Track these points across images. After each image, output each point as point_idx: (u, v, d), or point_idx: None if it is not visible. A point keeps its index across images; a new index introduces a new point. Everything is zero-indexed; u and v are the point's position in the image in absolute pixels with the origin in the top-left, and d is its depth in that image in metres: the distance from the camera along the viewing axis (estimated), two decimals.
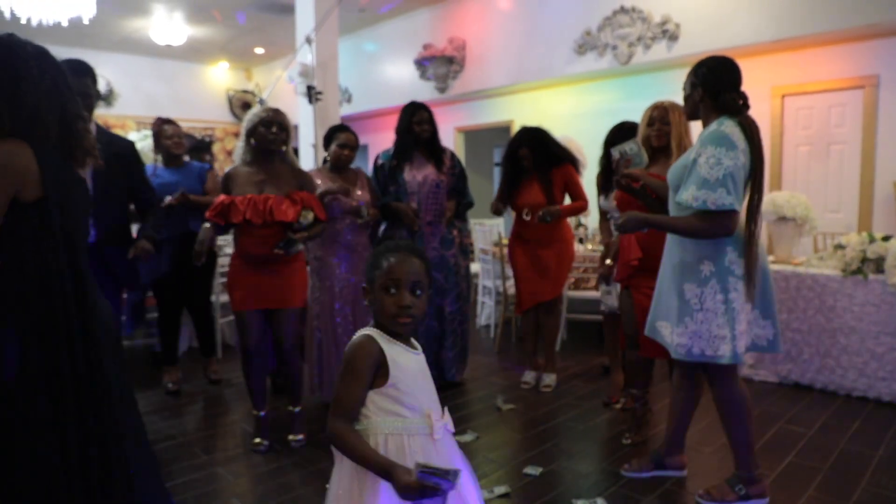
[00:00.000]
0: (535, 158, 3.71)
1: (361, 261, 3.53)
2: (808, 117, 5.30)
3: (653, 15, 5.59)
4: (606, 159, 3.34)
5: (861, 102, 5.00)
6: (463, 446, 2.96)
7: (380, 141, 9.52)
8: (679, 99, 5.48)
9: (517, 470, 2.74)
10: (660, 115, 2.85)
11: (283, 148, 2.99)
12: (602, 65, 6.03)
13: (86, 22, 5.67)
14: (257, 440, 3.00)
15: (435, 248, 3.74)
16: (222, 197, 2.88)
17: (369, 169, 4.05)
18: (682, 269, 2.29)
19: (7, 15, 5.21)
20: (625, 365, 3.30)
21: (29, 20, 5.20)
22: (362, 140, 10.07)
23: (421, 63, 7.45)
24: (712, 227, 2.14)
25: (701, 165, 2.13)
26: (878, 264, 3.52)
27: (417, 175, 3.72)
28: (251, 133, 2.93)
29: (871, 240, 3.56)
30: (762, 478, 2.43)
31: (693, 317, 2.25)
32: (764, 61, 5.40)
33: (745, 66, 6.01)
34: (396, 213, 3.66)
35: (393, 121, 3.94)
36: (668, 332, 2.38)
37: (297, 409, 3.09)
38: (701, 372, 2.49)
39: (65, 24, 5.52)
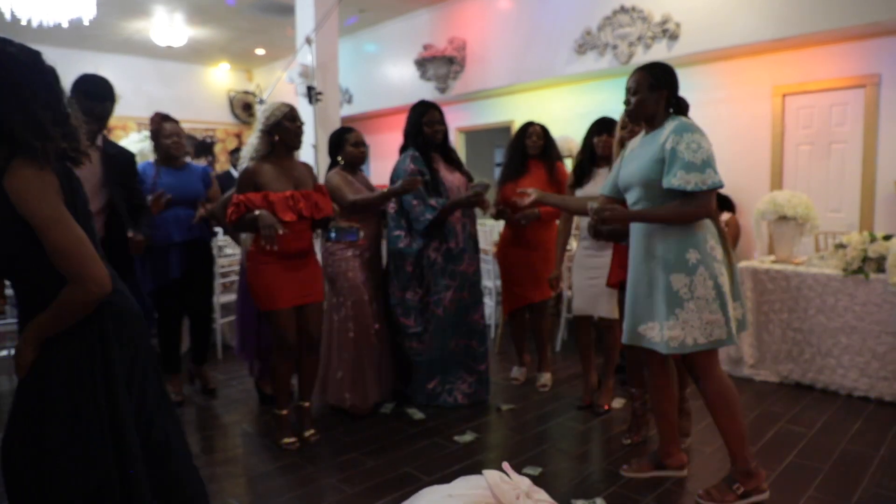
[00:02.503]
0: (544, 143, 3.75)
1: (364, 260, 3.46)
2: (809, 116, 5.29)
3: (653, 14, 5.58)
4: (584, 152, 3.42)
5: (862, 101, 4.98)
6: (462, 446, 2.98)
7: (381, 142, 9.51)
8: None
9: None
10: None
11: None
12: (602, 64, 6.02)
13: (86, 23, 5.67)
14: (287, 440, 3.00)
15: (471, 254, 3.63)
16: (259, 196, 2.80)
17: (370, 169, 4.03)
18: (665, 262, 2.30)
19: (7, 16, 5.21)
20: (625, 364, 3.29)
21: (29, 21, 5.21)
22: None
23: (421, 63, 7.44)
24: (700, 207, 2.23)
25: (682, 152, 2.21)
26: (880, 263, 3.51)
27: (454, 180, 3.54)
28: (275, 128, 2.91)
29: (873, 239, 3.55)
30: (758, 471, 2.42)
31: (684, 307, 2.26)
32: (765, 60, 5.39)
33: (745, 65, 6.04)
34: (456, 207, 3.42)
35: (394, 121, 3.93)
36: (657, 330, 2.35)
37: (308, 404, 3.13)
38: (672, 364, 2.54)
39: (65, 25, 5.52)
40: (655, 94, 2.35)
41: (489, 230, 6.29)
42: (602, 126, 3.37)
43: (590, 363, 3.58)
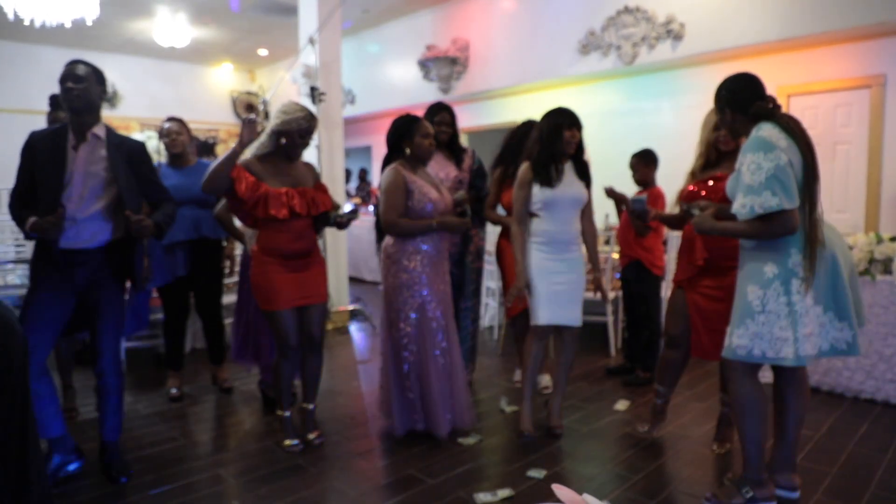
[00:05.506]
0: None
1: (434, 270, 3.08)
2: (814, 117, 5.26)
3: (657, 15, 5.56)
4: (551, 147, 3.09)
5: (867, 102, 4.96)
6: (466, 449, 2.96)
7: (384, 142, 9.48)
8: (684, 98, 5.44)
9: (521, 472, 2.72)
10: None
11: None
12: (606, 65, 6.00)
13: (89, 23, 5.67)
14: (289, 442, 3.00)
15: (455, 245, 3.72)
16: (253, 181, 2.77)
17: (372, 171, 4.01)
18: (747, 271, 2.30)
19: (10, 16, 5.21)
20: (657, 362, 3.23)
21: (32, 21, 5.21)
22: (364, 142, 10.06)
23: (424, 64, 7.43)
24: (770, 229, 2.17)
25: (744, 174, 2.18)
26: (886, 265, 3.48)
27: (440, 172, 3.69)
28: (285, 134, 2.87)
29: (879, 240, 3.53)
30: (769, 482, 2.40)
31: (755, 318, 2.24)
32: (769, 61, 5.37)
33: (750, 65, 6.01)
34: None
35: None
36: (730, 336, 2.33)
37: (312, 406, 3.11)
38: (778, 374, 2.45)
39: (68, 25, 5.52)
40: (724, 116, 2.38)
41: (492, 230, 6.27)
42: (571, 119, 3.02)
43: (533, 384, 3.24)
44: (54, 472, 2.61)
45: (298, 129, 2.86)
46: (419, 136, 3.08)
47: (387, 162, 3.16)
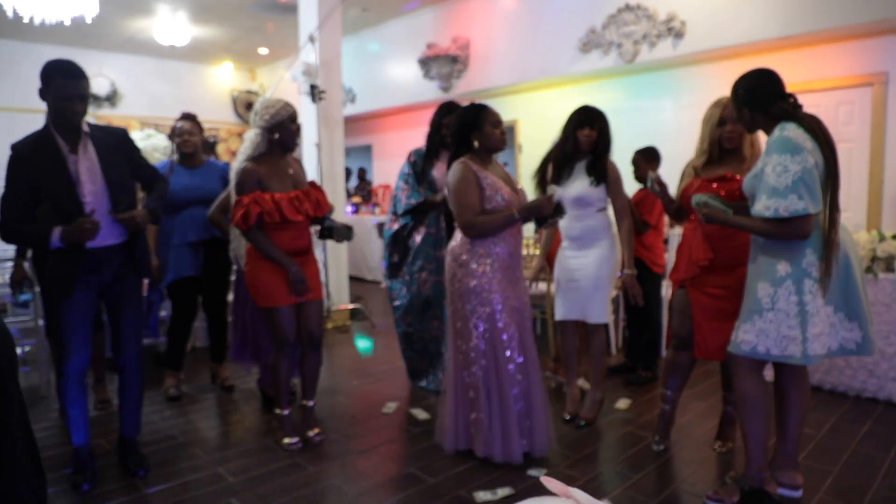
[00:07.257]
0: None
1: (511, 283, 2.78)
2: (816, 115, 5.24)
3: (658, 12, 5.54)
4: (566, 145, 3.26)
5: (869, 100, 4.94)
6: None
7: (384, 141, 9.48)
8: (685, 96, 5.42)
9: (521, 471, 2.70)
10: (731, 114, 2.62)
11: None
12: (607, 63, 5.98)
13: (88, 21, 5.66)
14: (288, 440, 2.99)
15: None
16: (268, 196, 2.78)
17: (373, 170, 4.01)
18: (758, 268, 2.27)
19: (10, 14, 5.19)
20: (663, 366, 3.19)
21: (31, 19, 5.19)
22: (364, 141, 10.05)
23: (425, 62, 7.41)
24: (787, 232, 2.14)
25: (769, 174, 2.13)
26: (889, 263, 3.47)
27: (445, 175, 3.65)
28: (277, 127, 2.87)
29: (881, 238, 3.51)
30: (771, 481, 2.38)
31: (763, 315, 2.21)
32: (771, 59, 5.35)
33: (751, 63, 5.95)
34: (430, 208, 3.64)
35: (397, 120, 3.92)
36: (738, 331, 2.31)
37: (312, 403, 3.10)
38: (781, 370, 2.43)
39: (67, 23, 5.50)
40: (743, 114, 2.32)
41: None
42: (588, 118, 3.24)
43: (573, 374, 3.38)
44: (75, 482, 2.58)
45: (289, 115, 2.89)
46: (488, 125, 2.79)
47: (454, 158, 2.86)
